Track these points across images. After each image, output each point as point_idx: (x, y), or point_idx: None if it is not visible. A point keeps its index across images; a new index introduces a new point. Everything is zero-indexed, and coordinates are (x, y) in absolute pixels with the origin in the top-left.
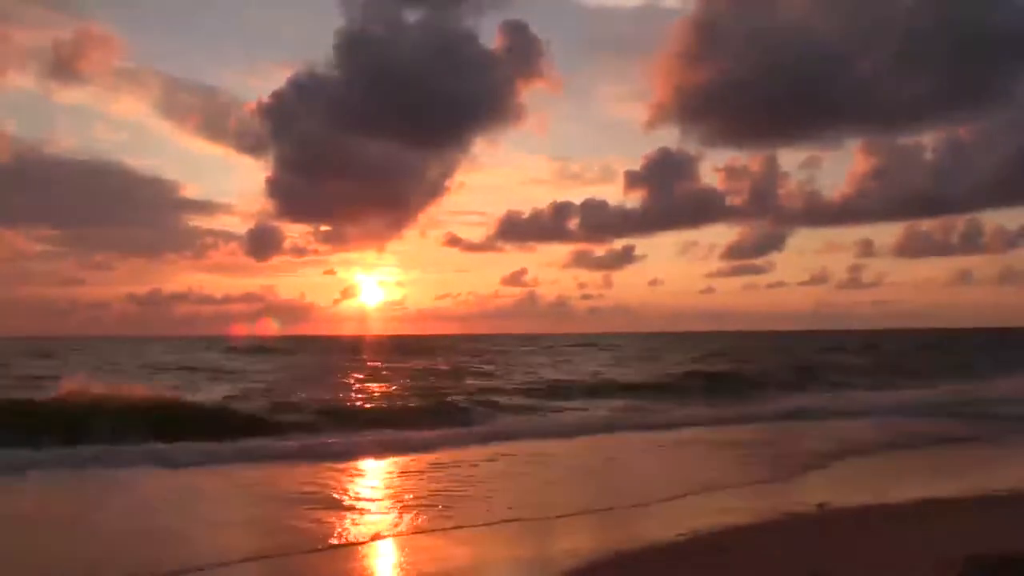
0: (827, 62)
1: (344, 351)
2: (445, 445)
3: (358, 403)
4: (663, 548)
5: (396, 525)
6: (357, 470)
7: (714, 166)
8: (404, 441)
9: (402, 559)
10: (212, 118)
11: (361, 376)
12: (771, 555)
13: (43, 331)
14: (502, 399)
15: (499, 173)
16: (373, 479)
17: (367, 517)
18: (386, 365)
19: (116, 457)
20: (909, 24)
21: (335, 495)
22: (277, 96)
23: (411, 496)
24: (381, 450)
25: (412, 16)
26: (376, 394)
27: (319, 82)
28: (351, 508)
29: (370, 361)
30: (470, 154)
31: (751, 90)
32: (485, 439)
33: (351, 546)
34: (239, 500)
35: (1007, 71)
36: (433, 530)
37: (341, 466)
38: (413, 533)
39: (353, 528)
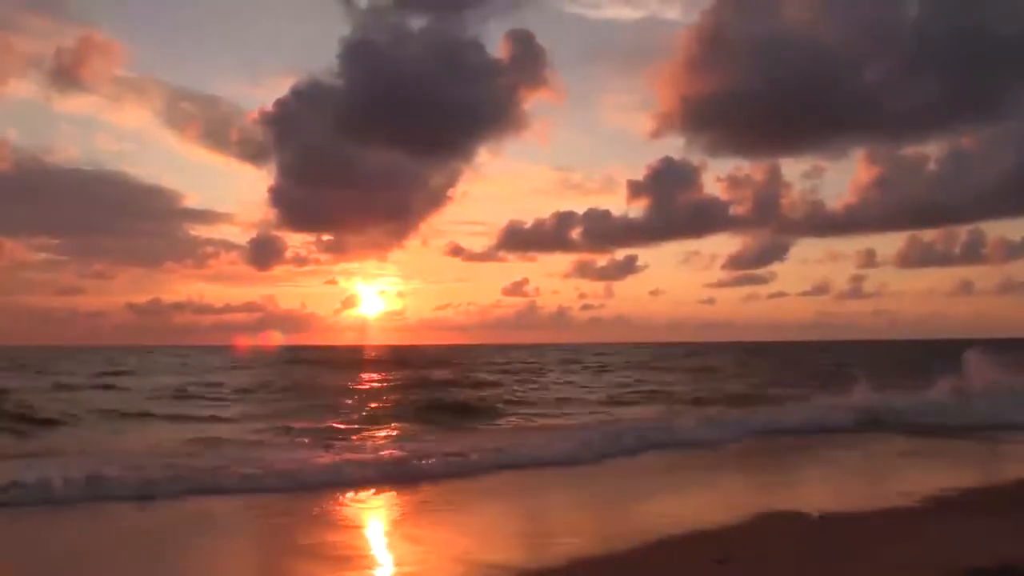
0: (830, 72)
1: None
2: None
3: None
4: (651, 552)
5: None
6: None
7: (717, 176)
8: None
9: None
10: (214, 127)
11: None
12: (771, 564)
13: (42, 340)
14: None
15: (502, 183)
16: None
17: None
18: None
19: None
20: (912, 34)
21: None
22: (280, 104)
23: None
24: None
25: (416, 24)
26: None
27: (322, 91)
28: None
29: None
30: (473, 163)
31: (755, 100)
32: None
33: None
34: None
35: (1011, 81)
36: None
37: None
38: None
39: None
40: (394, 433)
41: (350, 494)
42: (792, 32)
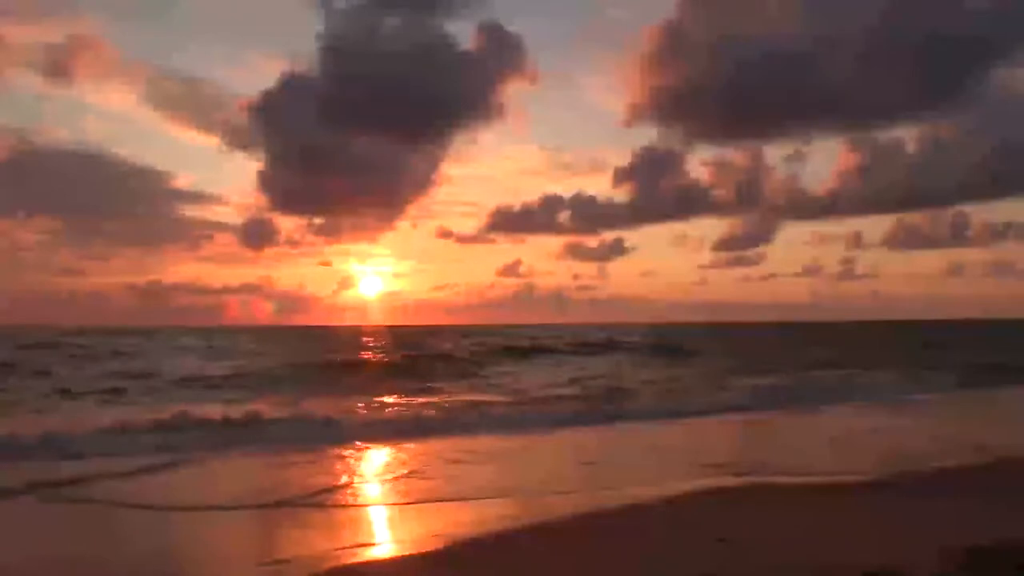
0: (809, 61)
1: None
2: None
3: None
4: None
5: None
6: None
7: (702, 159)
8: None
9: None
10: (201, 109)
11: None
12: (769, 541)
13: (38, 320)
14: None
15: (491, 165)
16: None
17: None
18: None
19: None
20: (885, 25)
21: None
22: (266, 94)
23: None
24: None
25: (402, 9)
26: None
27: (307, 81)
28: None
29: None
30: (460, 146)
31: (731, 90)
32: None
33: None
34: None
35: (979, 70)
36: None
37: None
38: None
39: None
40: None
41: None
42: (769, 22)
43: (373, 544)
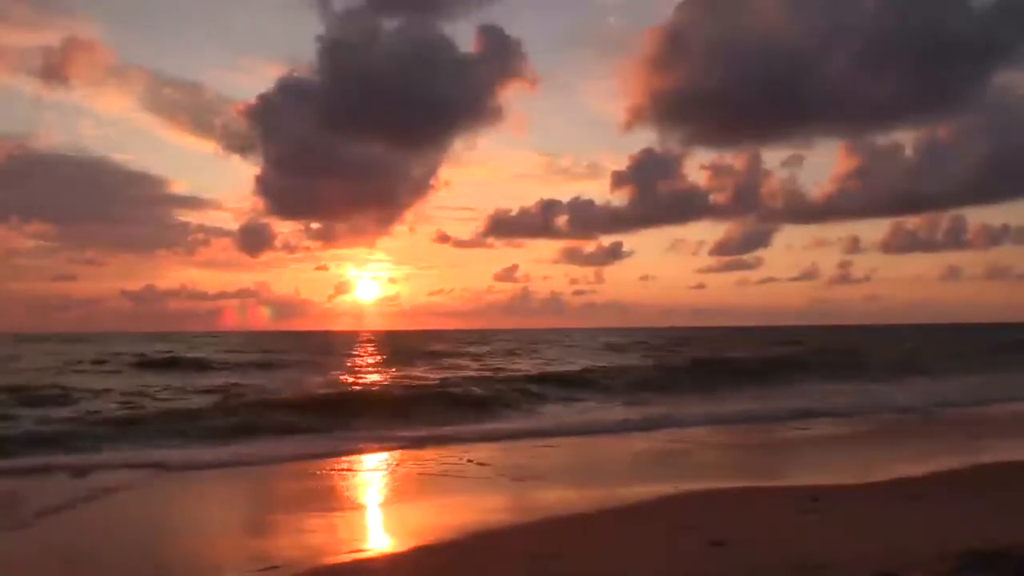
0: (805, 64)
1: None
2: None
3: None
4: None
5: None
6: None
7: (700, 163)
8: None
9: None
10: (197, 114)
11: None
12: (761, 545)
13: (38, 327)
14: None
15: (490, 169)
16: None
17: None
18: None
19: None
20: (887, 28)
21: None
22: (263, 99)
23: None
24: None
25: (402, 12)
26: None
27: (305, 85)
28: None
29: None
30: (459, 151)
31: (729, 93)
32: None
33: None
34: None
35: (978, 73)
36: None
37: None
38: None
39: None
40: None
41: None
42: (766, 26)
43: (356, 545)
